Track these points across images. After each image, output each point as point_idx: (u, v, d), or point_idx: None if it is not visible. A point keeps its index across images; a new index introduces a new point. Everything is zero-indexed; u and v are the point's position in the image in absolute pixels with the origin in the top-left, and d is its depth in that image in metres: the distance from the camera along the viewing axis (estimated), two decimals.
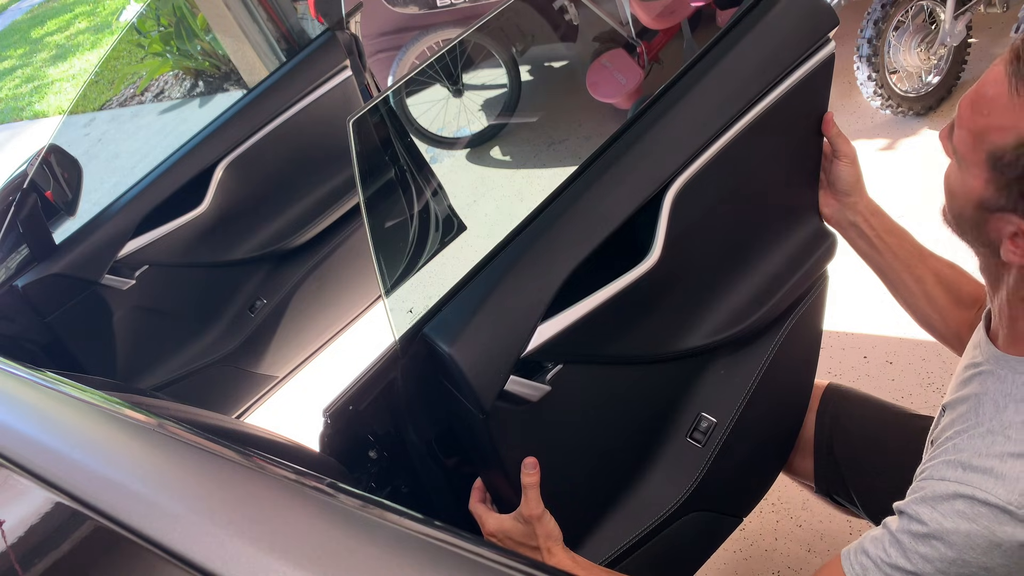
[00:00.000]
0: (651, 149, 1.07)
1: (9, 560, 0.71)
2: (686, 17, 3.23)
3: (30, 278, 1.74)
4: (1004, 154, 0.77)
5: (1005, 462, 0.80)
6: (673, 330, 1.17)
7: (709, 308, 1.19)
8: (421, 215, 1.57)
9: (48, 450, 0.81)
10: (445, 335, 1.01)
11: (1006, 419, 0.83)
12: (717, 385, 1.23)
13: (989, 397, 0.87)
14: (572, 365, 1.06)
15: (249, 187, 2.07)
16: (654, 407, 1.21)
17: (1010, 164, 0.77)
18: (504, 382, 1.00)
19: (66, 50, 8.77)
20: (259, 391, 2.16)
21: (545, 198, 1.21)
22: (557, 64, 3.86)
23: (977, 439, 0.84)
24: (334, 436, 1.19)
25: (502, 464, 1.06)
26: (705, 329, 1.18)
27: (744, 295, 1.20)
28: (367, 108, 1.14)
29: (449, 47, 1.43)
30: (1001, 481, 0.79)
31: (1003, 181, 0.78)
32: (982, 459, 0.82)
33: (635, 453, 1.22)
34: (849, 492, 1.33)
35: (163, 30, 5.23)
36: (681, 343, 1.17)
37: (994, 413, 0.85)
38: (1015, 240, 0.80)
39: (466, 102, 3.74)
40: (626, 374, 1.15)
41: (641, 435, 1.22)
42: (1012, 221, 0.79)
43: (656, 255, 1.07)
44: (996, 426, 0.83)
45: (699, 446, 1.21)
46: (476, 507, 1.15)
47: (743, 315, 1.20)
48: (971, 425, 0.87)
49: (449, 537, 0.61)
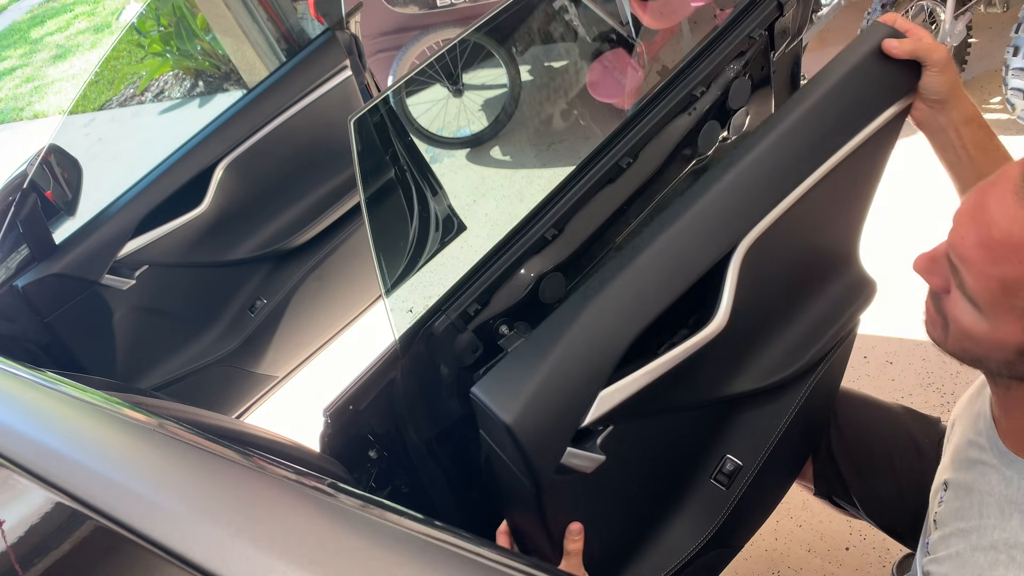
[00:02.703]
0: (723, 204, 0.99)
1: (9, 560, 0.71)
2: (686, 17, 3.23)
3: (30, 278, 1.74)
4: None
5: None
6: (720, 379, 1.13)
7: (756, 357, 1.15)
8: (421, 215, 1.57)
9: (48, 450, 0.81)
10: (500, 401, 0.91)
11: (1010, 532, 0.79)
12: (744, 427, 1.20)
13: (994, 499, 0.83)
14: (620, 425, 1.00)
15: (249, 187, 2.07)
16: (684, 450, 1.18)
17: None
18: (561, 455, 0.93)
19: (66, 50, 8.76)
20: (259, 391, 2.16)
21: (544, 198, 1.21)
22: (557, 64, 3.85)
23: (980, 553, 0.80)
24: (334, 436, 1.19)
25: (544, 526, 1.01)
26: (751, 376, 1.15)
27: (791, 342, 1.17)
28: (368, 107, 1.14)
29: (449, 47, 1.43)
30: None
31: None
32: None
33: (664, 497, 1.20)
34: (849, 494, 1.33)
35: (163, 30, 5.23)
36: (726, 390, 1.14)
37: (999, 520, 0.80)
38: None
39: (466, 102, 3.74)
40: (666, 423, 1.11)
41: (670, 479, 1.19)
42: None
43: (724, 318, 1.00)
44: (1000, 541, 0.79)
45: (723, 488, 1.18)
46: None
47: (789, 362, 1.17)
48: (974, 528, 0.83)
49: (449, 537, 0.61)
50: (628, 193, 1.24)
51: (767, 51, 1.34)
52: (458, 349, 1.17)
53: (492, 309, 1.18)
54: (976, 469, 0.87)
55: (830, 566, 1.77)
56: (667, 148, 1.25)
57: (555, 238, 1.20)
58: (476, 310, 1.17)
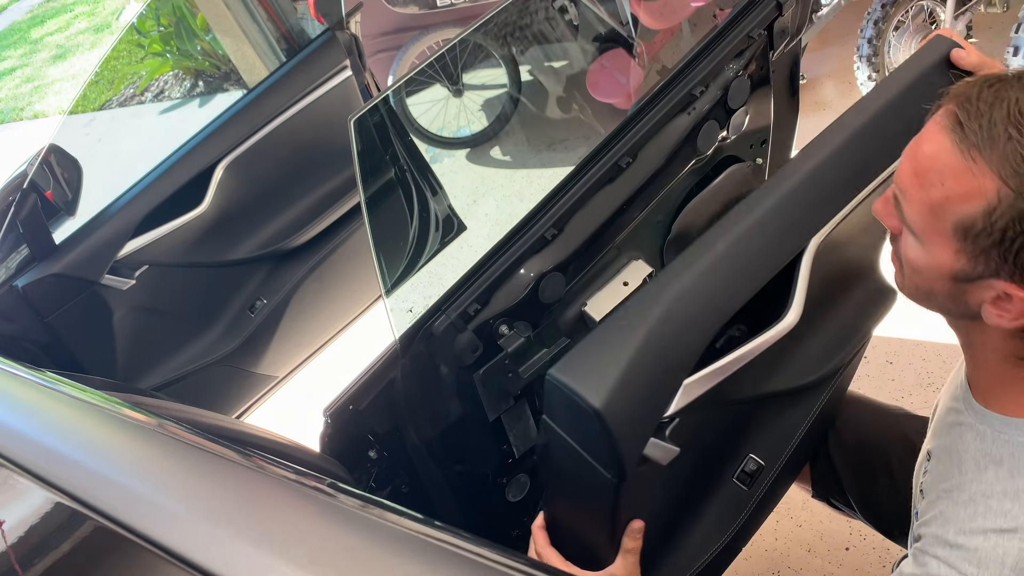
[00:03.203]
0: (803, 196, 0.99)
1: (9, 560, 0.71)
2: (686, 17, 3.23)
3: (30, 278, 1.74)
4: (974, 223, 0.72)
5: (988, 539, 0.78)
6: (763, 376, 1.13)
7: (793, 356, 1.15)
8: (421, 215, 1.57)
9: (48, 450, 0.81)
10: (588, 385, 0.86)
11: (986, 483, 0.81)
12: (768, 427, 1.19)
13: (970, 455, 0.85)
14: (684, 417, 0.97)
15: (249, 187, 2.07)
16: (716, 447, 1.18)
17: (984, 231, 0.72)
18: (644, 445, 0.91)
19: (66, 50, 8.76)
20: (259, 391, 2.16)
21: (544, 197, 1.21)
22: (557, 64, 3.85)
23: (960, 507, 0.82)
24: (334, 436, 1.19)
25: (611, 521, 0.98)
26: (786, 376, 1.15)
27: (824, 345, 1.18)
28: (368, 107, 1.14)
29: (449, 47, 1.43)
30: (986, 566, 0.78)
31: (977, 250, 0.73)
32: (966, 536, 0.80)
33: (694, 495, 1.19)
34: (847, 497, 1.33)
35: (163, 30, 5.22)
36: (765, 388, 1.14)
37: (975, 474, 0.83)
38: (999, 304, 0.76)
39: (466, 102, 3.74)
40: (715, 417, 1.09)
41: (702, 477, 1.19)
42: (994, 286, 0.75)
43: (798, 314, 0.99)
44: (977, 492, 0.82)
45: (745, 488, 1.18)
46: (550, 555, 1.04)
47: (820, 364, 1.17)
48: (955, 486, 0.85)
49: (449, 537, 0.61)
50: (628, 193, 1.24)
51: (766, 51, 1.34)
52: (458, 349, 1.17)
53: (492, 309, 1.18)
54: (954, 431, 0.90)
55: (830, 566, 1.77)
56: (666, 148, 1.25)
57: (555, 238, 1.20)
58: (476, 310, 1.17)
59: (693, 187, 1.35)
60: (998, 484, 0.80)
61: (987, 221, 0.71)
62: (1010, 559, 0.76)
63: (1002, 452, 0.82)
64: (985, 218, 0.71)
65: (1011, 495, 0.79)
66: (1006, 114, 0.69)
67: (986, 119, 0.70)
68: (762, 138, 1.42)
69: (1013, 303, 0.74)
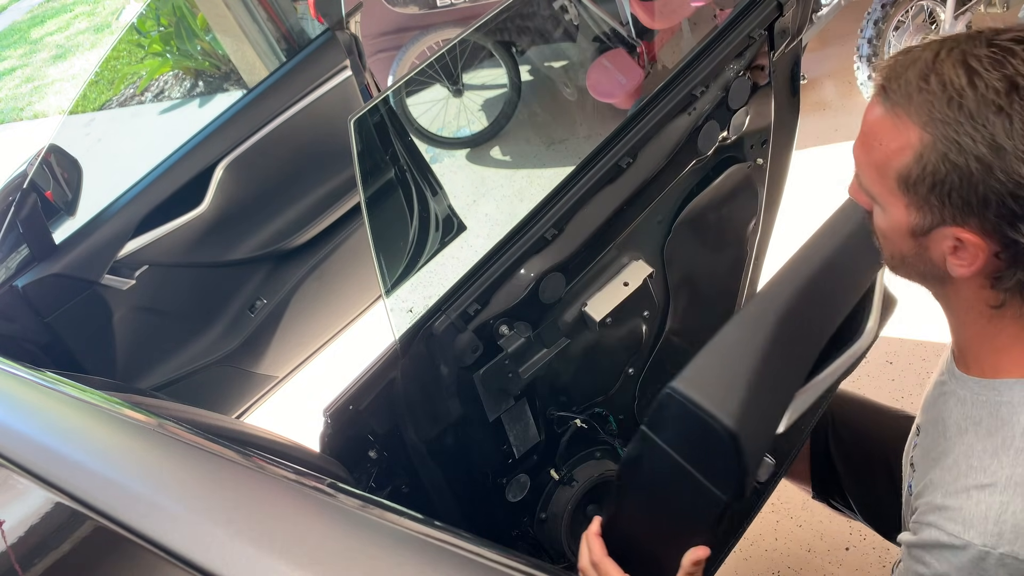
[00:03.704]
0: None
1: (9, 560, 0.71)
2: (686, 17, 3.22)
3: (30, 278, 1.74)
4: (910, 172, 0.77)
5: (971, 497, 0.80)
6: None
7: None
8: (421, 215, 1.57)
9: (48, 450, 0.81)
10: (722, 406, 0.83)
11: (966, 444, 0.84)
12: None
13: (953, 421, 0.88)
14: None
15: (249, 187, 2.06)
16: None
17: (919, 178, 0.77)
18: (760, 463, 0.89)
19: (66, 50, 8.76)
20: (259, 391, 2.16)
21: (544, 198, 1.21)
22: (557, 64, 3.85)
23: (946, 472, 0.85)
24: (334, 436, 1.19)
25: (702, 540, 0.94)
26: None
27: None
28: (368, 107, 1.14)
29: (449, 47, 1.43)
30: (971, 523, 0.79)
31: (920, 199, 0.78)
32: (951, 498, 0.82)
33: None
34: (847, 498, 1.33)
35: (163, 30, 5.23)
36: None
37: (958, 438, 0.86)
38: (956, 253, 0.79)
39: (466, 102, 3.73)
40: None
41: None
42: (946, 234, 0.78)
43: (874, 333, 1.01)
44: (959, 455, 0.84)
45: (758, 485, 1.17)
46: (608, 566, 1.02)
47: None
48: (941, 453, 0.88)
49: (449, 537, 0.61)
50: (628, 193, 1.24)
51: (767, 51, 1.34)
52: (458, 349, 1.17)
53: (492, 309, 1.18)
54: (939, 401, 0.92)
55: (830, 566, 1.77)
56: (667, 148, 1.25)
57: (555, 238, 1.20)
58: (476, 310, 1.17)
59: (693, 187, 1.35)
60: (978, 443, 0.83)
61: (919, 168, 0.76)
62: (992, 513, 0.78)
63: (980, 413, 0.85)
64: (917, 165, 0.76)
65: (990, 452, 0.81)
66: (918, 72, 0.76)
67: (903, 79, 0.77)
68: (763, 138, 1.42)
69: (967, 249, 0.77)
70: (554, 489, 1.39)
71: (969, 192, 0.74)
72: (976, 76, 0.73)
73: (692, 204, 1.35)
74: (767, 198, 1.48)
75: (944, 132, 0.74)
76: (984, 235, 0.75)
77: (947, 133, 0.74)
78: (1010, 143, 0.71)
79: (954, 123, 0.73)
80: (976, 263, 0.77)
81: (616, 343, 1.36)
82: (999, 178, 0.72)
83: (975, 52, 0.74)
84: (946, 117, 0.73)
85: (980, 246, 0.76)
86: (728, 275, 1.53)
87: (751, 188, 1.44)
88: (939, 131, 0.74)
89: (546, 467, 1.38)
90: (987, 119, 0.72)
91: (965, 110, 0.72)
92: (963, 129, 0.73)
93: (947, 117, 0.73)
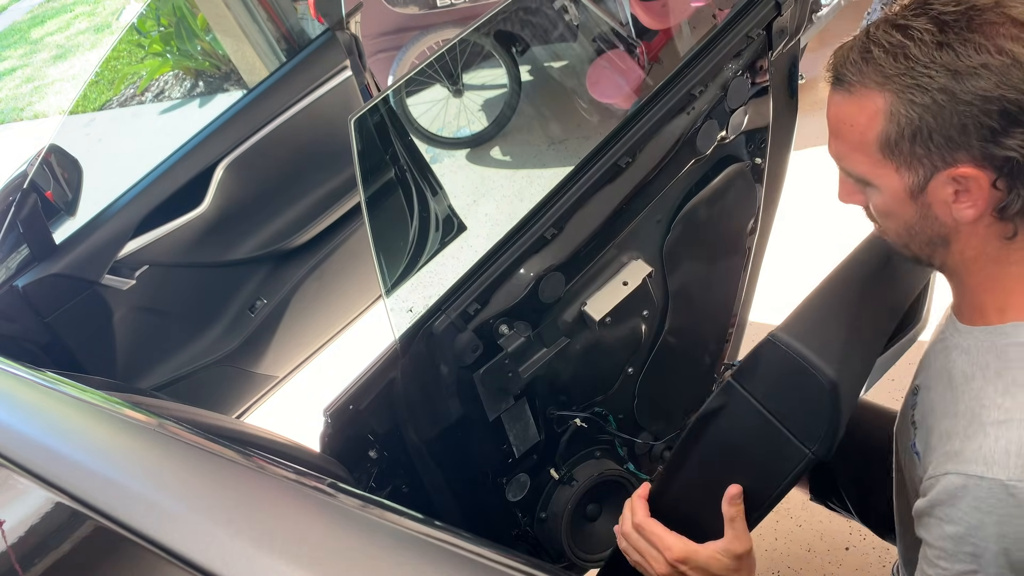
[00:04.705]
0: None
1: (9, 560, 0.71)
2: (686, 17, 3.22)
3: (30, 278, 1.74)
4: (888, 134, 0.80)
5: (988, 435, 0.79)
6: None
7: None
8: (421, 215, 1.57)
9: (48, 450, 0.81)
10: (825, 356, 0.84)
11: (976, 388, 0.84)
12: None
13: (959, 370, 0.87)
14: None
15: (249, 187, 2.06)
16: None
17: (899, 135, 0.79)
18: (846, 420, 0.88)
19: (66, 50, 8.75)
20: (259, 391, 2.16)
21: (544, 197, 1.21)
22: (557, 64, 3.85)
23: (958, 419, 0.84)
24: (334, 436, 1.19)
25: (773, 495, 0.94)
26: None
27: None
28: (368, 107, 1.14)
29: (449, 47, 1.43)
30: (993, 460, 0.78)
31: (907, 155, 0.80)
32: (968, 440, 0.81)
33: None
34: (844, 500, 1.33)
35: (163, 30, 5.23)
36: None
37: (965, 386, 0.85)
38: (961, 197, 0.80)
39: (466, 102, 3.73)
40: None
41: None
42: (944, 180, 0.80)
43: (927, 316, 1.03)
44: (971, 400, 0.84)
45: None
46: (653, 525, 1.01)
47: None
48: (948, 403, 0.87)
49: (449, 537, 0.61)
50: (627, 192, 1.24)
51: (765, 51, 1.34)
52: (458, 349, 1.17)
53: (492, 309, 1.18)
54: (941, 356, 0.92)
55: (830, 566, 1.77)
56: (666, 148, 1.25)
57: (555, 237, 1.20)
58: (476, 310, 1.17)
59: (692, 187, 1.35)
60: (988, 386, 0.83)
61: (894, 125, 0.79)
62: (1014, 447, 0.77)
63: (987, 358, 0.85)
64: (891, 123, 0.80)
65: (1001, 391, 0.81)
66: (858, 49, 0.82)
67: (848, 61, 0.82)
68: (761, 138, 1.42)
69: (970, 185, 0.79)
70: (554, 489, 1.39)
71: (946, 126, 0.77)
72: (908, 29, 0.78)
73: (691, 203, 1.35)
74: (766, 197, 1.48)
75: (902, 83, 0.78)
76: (977, 164, 0.77)
77: (905, 82, 0.78)
78: (961, 64, 0.75)
79: (907, 71, 0.77)
80: (981, 197, 0.79)
81: (615, 342, 1.36)
82: (965, 100, 0.75)
83: (898, 15, 0.80)
84: (898, 70, 0.78)
85: (979, 177, 0.77)
86: (727, 274, 1.53)
87: (750, 187, 1.44)
88: (897, 84, 0.78)
89: (546, 467, 1.38)
90: (932, 56, 0.76)
91: (912, 57, 0.77)
92: (917, 72, 0.77)
93: (899, 69, 0.78)
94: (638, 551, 1.02)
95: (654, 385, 1.44)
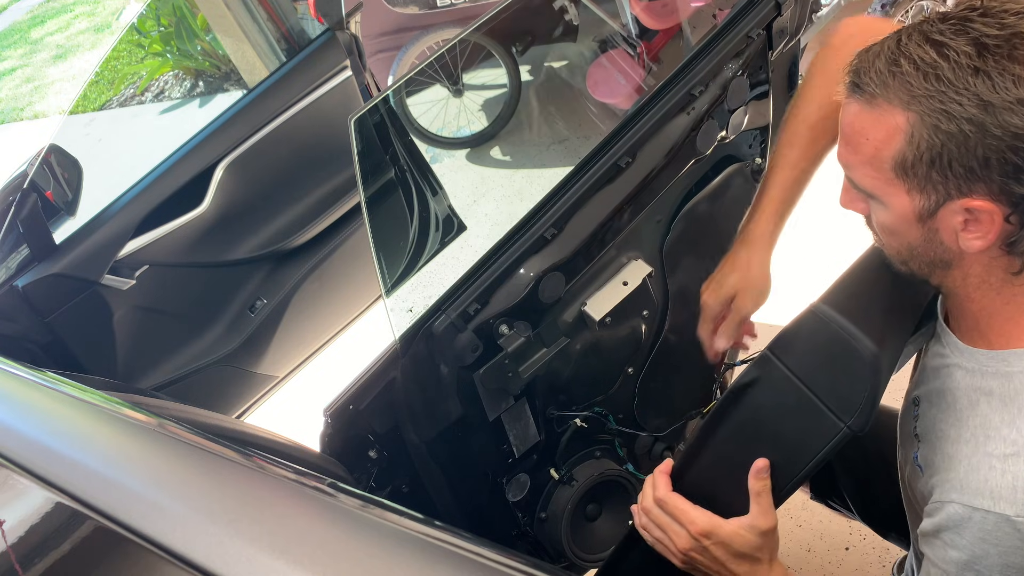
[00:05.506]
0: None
1: (9, 560, 0.71)
2: (686, 17, 3.23)
3: (30, 278, 1.74)
4: (905, 156, 0.76)
5: (994, 468, 0.79)
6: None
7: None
8: (421, 215, 1.57)
9: (48, 450, 0.81)
10: (865, 327, 0.84)
11: (981, 416, 0.83)
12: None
13: (962, 392, 0.87)
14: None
15: (249, 187, 2.07)
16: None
17: (916, 159, 0.76)
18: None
19: (66, 50, 8.75)
20: (259, 391, 2.16)
21: (544, 197, 1.21)
22: (557, 64, 3.85)
23: (962, 445, 0.84)
24: (334, 436, 1.19)
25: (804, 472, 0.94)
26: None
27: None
28: (368, 107, 1.14)
29: (449, 47, 1.43)
30: (999, 495, 0.78)
31: (921, 179, 0.77)
32: (974, 472, 0.81)
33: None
34: (844, 498, 1.33)
35: (163, 30, 5.23)
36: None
37: (970, 410, 0.85)
38: (970, 227, 0.77)
39: (466, 102, 3.74)
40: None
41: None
42: (955, 209, 0.77)
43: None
44: (975, 427, 0.83)
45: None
46: (676, 499, 0.98)
47: None
48: (952, 425, 0.86)
49: (449, 537, 0.61)
50: (627, 193, 1.24)
51: (765, 50, 1.34)
52: (458, 349, 1.17)
53: (492, 309, 1.18)
54: (942, 373, 0.91)
55: (830, 566, 1.77)
56: (666, 147, 1.25)
57: (555, 237, 1.20)
58: (476, 310, 1.17)
59: (692, 187, 1.35)
60: (993, 415, 0.82)
61: (913, 148, 0.76)
62: (1020, 482, 0.77)
63: (991, 384, 0.84)
64: (910, 146, 0.76)
65: (1007, 422, 0.80)
66: (886, 59, 0.76)
67: (874, 70, 0.77)
68: (761, 138, 1.43)
69: (981, 217, 0.76)
70: (554, 488, 1.39)
71: (969, 157, 0.73)
72: (944, 47, 0.73)
73: (691, 203, 1.35)
74: None
75: (929, 106, 0.73)
76: (993, 198, 0.74)
77: (932, 106, 0.73)
78: (996, 96, 0.70)
79: (936, 94, 0.73)
80: (991, 232, 0.76)
81: (615, 342, 1.36)
82: (995, 134, 0.71)
83: (935, 28, 0.74)
84: (927, 91, 0.73)
85: (992, 211, 0.74)
86: None
87: (750, 187, 1.44)
88: (923, 106, 0.74)
89: (546, 466, 1.38)
90: (967, 82, 0.71)
91: (944, 79, 0.72)
92: (947, 97, 0.72)
93: (928, 91, 0.73)
94: (660, 526, 0.98)
95: (654, 385, 1.44)
